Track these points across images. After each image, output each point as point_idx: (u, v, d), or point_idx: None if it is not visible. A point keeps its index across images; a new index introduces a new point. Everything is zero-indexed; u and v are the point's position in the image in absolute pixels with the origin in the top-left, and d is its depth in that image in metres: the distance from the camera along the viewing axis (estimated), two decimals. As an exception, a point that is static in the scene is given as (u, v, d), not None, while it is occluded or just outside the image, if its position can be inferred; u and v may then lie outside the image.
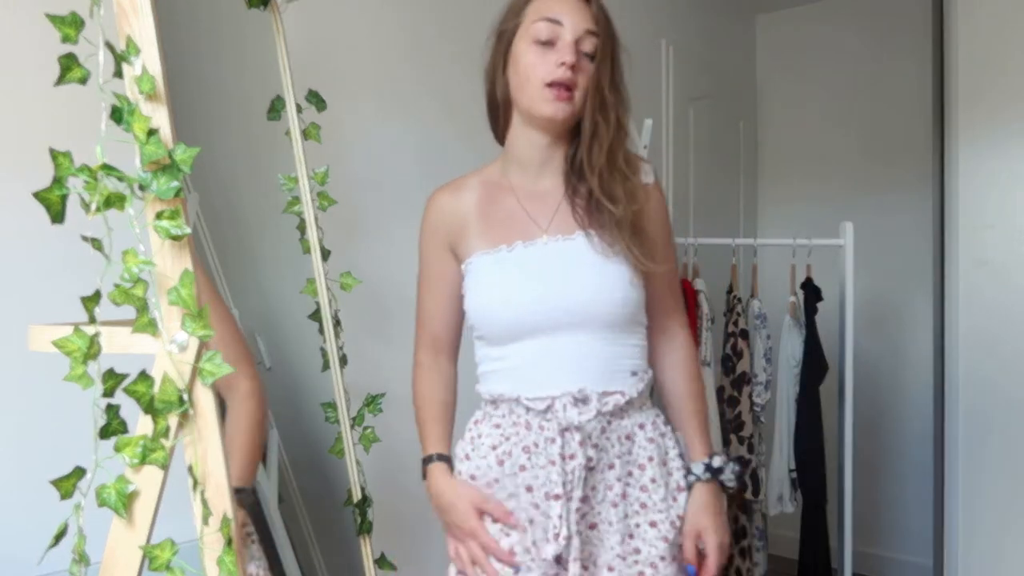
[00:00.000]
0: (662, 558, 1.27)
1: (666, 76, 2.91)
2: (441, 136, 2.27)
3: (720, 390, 2.65)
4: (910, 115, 3.40)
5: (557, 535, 1.21)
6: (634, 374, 1.30)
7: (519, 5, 1.31)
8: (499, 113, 1.36)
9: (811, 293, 2.71)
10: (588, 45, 1.26)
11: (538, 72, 1.25)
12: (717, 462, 1.35)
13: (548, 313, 1.26)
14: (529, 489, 1.25)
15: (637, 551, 1.27)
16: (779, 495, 2.70)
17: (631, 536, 1.27)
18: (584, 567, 1.25)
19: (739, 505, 2.69)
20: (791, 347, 2.69)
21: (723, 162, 3.68)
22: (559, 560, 1.23)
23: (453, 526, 1.32)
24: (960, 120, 2.75)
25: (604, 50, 1.27)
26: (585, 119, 1.27)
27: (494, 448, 1.29)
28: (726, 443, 2.61)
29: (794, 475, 2.68)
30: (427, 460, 1.37)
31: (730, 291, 2.70)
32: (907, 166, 3.44)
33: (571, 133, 1.32)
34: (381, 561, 1.70)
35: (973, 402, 2.75)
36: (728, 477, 1.36)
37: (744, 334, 2.63)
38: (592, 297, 1.26)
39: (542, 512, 1.25)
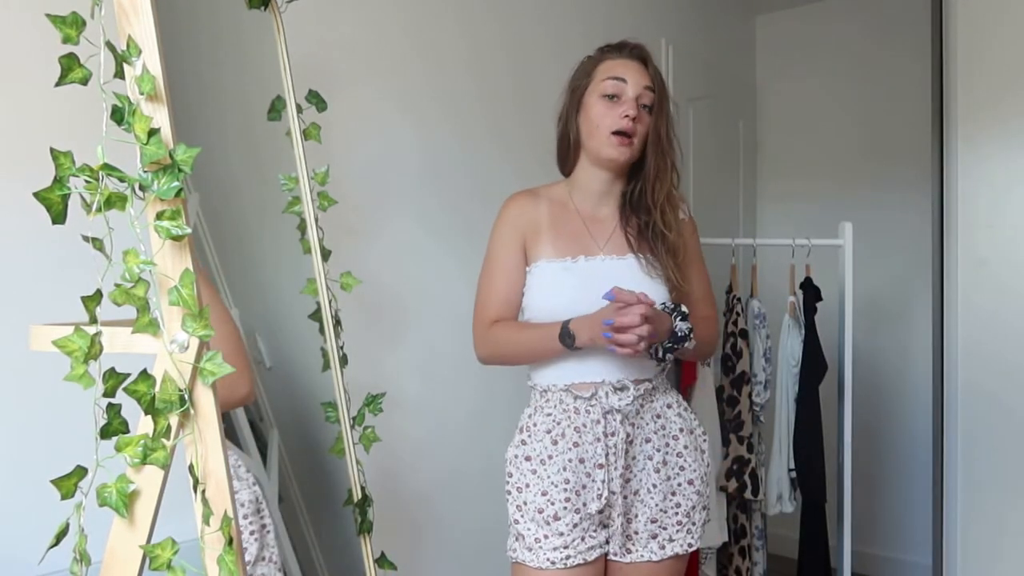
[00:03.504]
0: (693, 507, 1.60)
1: (666, 76, 2.91)
2: (441, 136, 2.27)
3: (720, 390, 2.65)
4: (909, 114, 3.40)
5: (600, 495, 1.51)
6: (658, 363, 1.58)
7: (590, 66, 1.60)
8: (568, 153, 1.64)
9: (810, 293, 2.72)
10: (646, 99, 1.55)
11: (606, 122, 1.53)
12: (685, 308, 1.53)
13: None
14: (582, 461, 1.53)
15: (679, 505, 1.58)
16: (778, 495, 2.70)
17: (673, 493, 1.58)
18: (628, 521, 1.56)
19: (739, 505, 2.69)
20: (791, 347, 2.69)
21: (723, 162, 3.68)
22: (602, 515, 1.54)
23: (601, 326, 1.44)
24: (959, 119, 2.75)
25: (660, 104, 1.55)
26: (649, 162, 1.55)
27: (548, 432, 1.55)
28: (725, 443, 2.61)
29: (793, 475, 2.69)
30: (563, 329, 1.49)
31: (729, 291, 2.70)
32: (906, 166, 3.44)
33: (627, 172, 1.60)
34: (381, 561, 1.70)
35: (972, 402, 2.75)
36: (681, 326, 1.50)
37: (744, 334, 2.64)
38: None
39: (592, 479, 1.53)
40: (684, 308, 1.53)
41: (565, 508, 1.52)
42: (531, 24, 2.56)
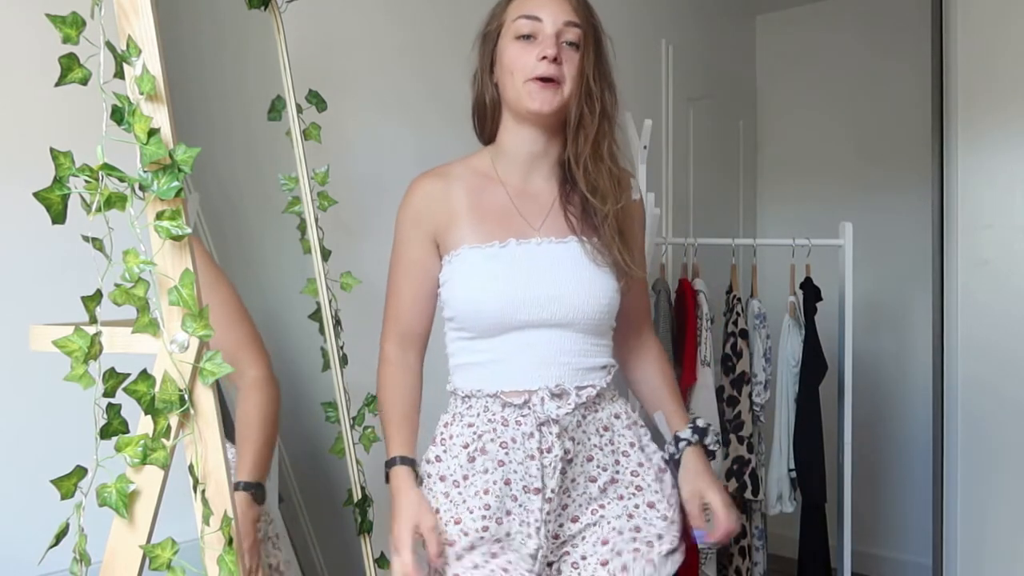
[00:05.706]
0: (659, 536, 1.30)
1: (666, 76, 2.92)
2: (441, 136, 2.27)
3: (720, 390, 2.65)
4: (909, 115, 3.40)
5: (538, 529, 1.23)
6: (603, 368, 1.32)
7: (500, 6, 1.33)
8: (486, 116, 1.37)
9: (811, 293, 2.72)
10: (571, 35, 1.26)
11: (520, 66, 1.26)
12: (701, 423, 1.40)
13: (537, 312, 1.26)
14: (508, 483, 1.25)
15: (637, 529, 1.30)
16: (779, 495, 2.70)
17: (630, 516, 1.30)
18: (580, 558, 1.29)
19: (739, 505, 2.69)
20: (791, 347, 2.69)
21: (723, 162, 3.68)
22: (538, 555, 1.25)
23: (393, 533, 1.26)
24: (959, 120, 2.76)
25: (587, 40, 1.27)
26: (571, 109, 1.27)
27: (466, 447, 1.28)
28: (726, 443, 2.61)
29: (793, 475, 2.69)
30: (391, 463, 1.31)
31: (730, 291, 2.70)
32: (906, 166, 3.44)
33: (563, 132, 1.31)
34: (381, 561, 1.70)
35: (972, 402, 2.75)
36: (711, 440, 1.40)
37: (744, 334, 2.64)
38: (582, 301, 1.27)
39: (520, 505, 1.25)
40: (716, 432, 1.41)
41: (482, 539, 1.24)
42: (531, 24, 2.56)
